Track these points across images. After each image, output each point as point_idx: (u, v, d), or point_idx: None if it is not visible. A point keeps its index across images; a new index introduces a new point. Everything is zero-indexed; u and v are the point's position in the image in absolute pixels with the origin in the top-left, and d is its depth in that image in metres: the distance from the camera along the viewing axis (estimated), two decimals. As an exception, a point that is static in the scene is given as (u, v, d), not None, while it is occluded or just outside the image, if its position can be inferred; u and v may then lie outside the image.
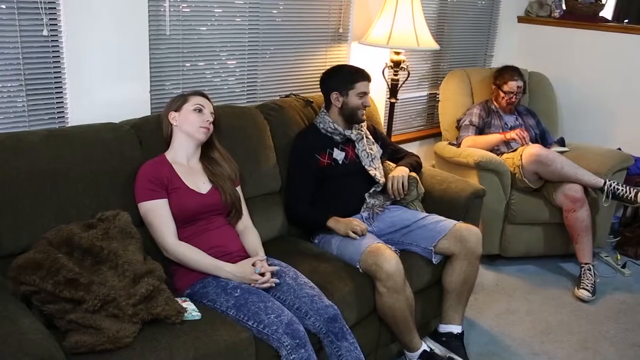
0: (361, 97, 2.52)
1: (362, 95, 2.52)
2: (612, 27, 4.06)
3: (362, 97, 2.52)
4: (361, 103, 2.53)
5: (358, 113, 2.54)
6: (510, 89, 3.44)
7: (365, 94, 2.53)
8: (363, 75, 2.54)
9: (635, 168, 3.67)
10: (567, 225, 3.19)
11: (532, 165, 3.16)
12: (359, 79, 2.52)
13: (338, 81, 2.55)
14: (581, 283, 3.14)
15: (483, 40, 4.16)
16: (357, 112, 2.54)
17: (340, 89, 2.53)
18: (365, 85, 2.53)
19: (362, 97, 2.52)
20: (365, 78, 2.54)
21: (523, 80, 3.51)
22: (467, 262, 2.39)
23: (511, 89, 3.44)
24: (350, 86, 2.51)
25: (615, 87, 3.96)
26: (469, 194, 2.63)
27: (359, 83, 2.51)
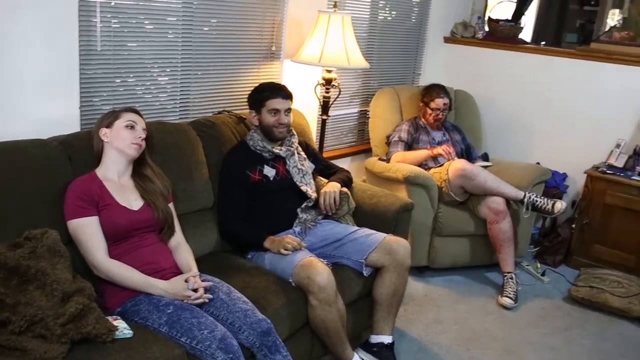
0: (274, 115, 2.53)
1: (274, 112, 2.53)
2: (530, 49, 4.31)
3: (275, 115, 2.53)
4: (275, 120, 2.53)
5: (274, 131, 2.55)
6: (437, 105, 3.59)
7: (278, 111, 2.53)
8: (275, 92, 2.55)
9: (553, 181, 3.90)
10: (491, 236, 3.34)
11: (457, 180, 3.30)
12: (269, 96, 2.54)
13: (253, 99, 2.60)
14: (504, 291, 3.29)
15: (411, 59, 4.32)
16: (272, 129, 2.55)
17: (255, 107, 2.57)
18: (277, 102, 2.53)
19: (275, 114, 2.53)
20: (277, 95, 2.54)
21: (449, 97, 3.67)
22: (397, 273, 2.47)
23: (438, 105, 3.59)
24: (262, 104, 2.55)
25: (533, 104, 4.19)
26: (398, 208, 2.73)
27: (269, 100, 2.53)
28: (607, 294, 3.26)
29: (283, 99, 2.56)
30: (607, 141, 3.87)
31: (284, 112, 2.56)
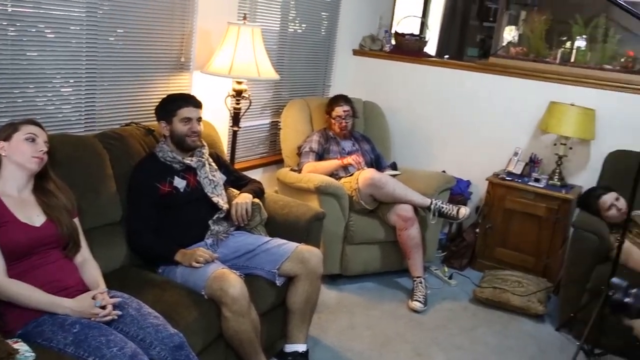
0: (186, 123, 2.53)
1: (186, 121, 2.53)
2: (434, 62, 4.50)
3: (187, 123, 2.53)
4: (187, 129, 2.53)
5: (187, 140, 2.54)
6: (338, 113, 3.69)
7: (190, 120, 2.53)
8: (185, 101, 2.56)
9: (457, 188, 4.08)
10: (400, 243, 3.46)
11: (367, 188, 3.39)
12: (181, 105, 2.54)
13: (162, 110, 2.58)
14: (414, 295, 3.41)
15: (321, 71, 4.40)
16: (185, 138, 2.54)
17: (165, 117, 2.55)
18: (188, 110, 2.54)
19: (187, 122, 2.53)
20: (188, 103, 2.55)
21: (350, 105, 3.76)
22: (309, 282, 2.51)
23: (338, 113, 3.69)
24: (173, 113, 2.53)
25: (439, 115, 4.38)
26: (309, 218, 2.77)
27: (181, 109, 2.53)
28: (509, 294, 3.44)
29: (194, 107, 2.57)
30: (506, 149, 4.10)
31: (196, 121, 2.56)
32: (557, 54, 4.31)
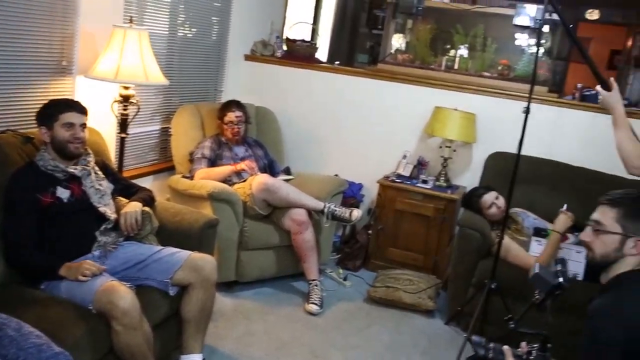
0: (68, 129, 2.42)
1: (68, 126, 2.41)
2: (325, 68, 4.59)
3: (69, 129, 2.42)
4: (70, 135, 2.42)
5: (69, 147, 2.43)
6: (230, 119, 3.67)
7: (73, 125, 2.42)
8: (69, 106, 2.45)
9: (350, 191, 4.18)
10: (295, 247, 3.48)
11: (261, 194, 3.39)
12: (63, 109, 2.43)
13: (43, 115, 2.44)
14: (310, 298, 3.44)
15: (213, 76, 4.35)
16: (67, 145, 2.42)
17: (46, 122, 2.42)
18: (71, 115, 2.43)
19: (70, 128, 2.42)
20: (71, 108, 2.44)
21: (242, 111, 3.75)
22: (204, 290, 2.47)
23: (230, 119, 3.67)
24: (54, 118, 2.41)
25: (330, 120, 4.47)
26: (202, 224, 2.73)
27: (62, 114, 2.42)
28: (401, 292, 3.56)
29: (78, 113, 2.46)
30: (395, 153, 4.25)
31: (79, 127, 2.44)
32: (441, 62, 4.54)
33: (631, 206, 1.88)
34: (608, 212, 1.91)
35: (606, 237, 1.89)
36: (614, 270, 1.89)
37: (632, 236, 1.85)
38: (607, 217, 1.90)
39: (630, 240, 1.85)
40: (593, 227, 1.94)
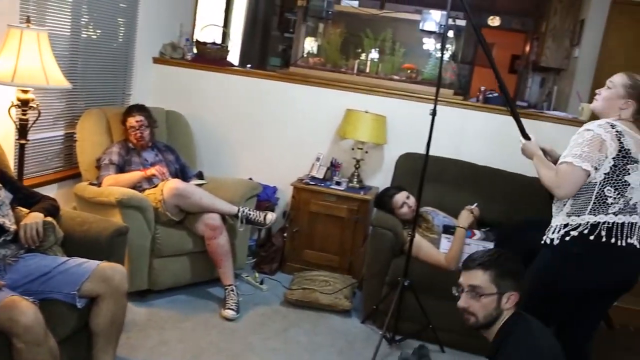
0: None
1: None
2: (237, 71, 4.55)
3: None
4: None
5: None
6: (131, 124, 3.58)
7: None
8: None
9: (264, 194, 4.17)
10: (210, 252, 3.43)
11: (173, 199, 3.32)
12: None
13: None
14: (226, 304, 3.40)
15: (120, 79, 4.20)
16: None
17: None
18: None
19: None
20: None
21: (144, 115, 3.64)
22: (114, 301, 2.38)
23: (131, 124, 3.58)
24: None
25: (244, 123, 4.44)
26: (111, 233, 2.63)
27: None
28: (318, 293, 3.59)
29: None
30: (309, 155, 4.28)
31: None
32: (353, 65, 4.62)
33: (500, 266, 2.05)
34: (481, 275, 2.06)
35: (485, 299, 2.04)
36: (496, 326, 2.06)
37: (505, 292, 2.03)
38: (482, 280, 2.05)
39: (504, 296, 2.03)
40: (469, 293, 2.07)
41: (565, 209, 2.40)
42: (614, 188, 2.32)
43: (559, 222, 2.41)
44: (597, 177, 2.33)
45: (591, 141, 2.32)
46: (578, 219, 2.35)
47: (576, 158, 2.32)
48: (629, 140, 2.33)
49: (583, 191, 2.36)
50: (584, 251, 2.35)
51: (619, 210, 2.33)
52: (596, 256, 2.36)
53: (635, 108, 2.42)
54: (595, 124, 2.36)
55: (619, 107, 2.42)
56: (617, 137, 2.31)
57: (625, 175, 2.32)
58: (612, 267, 2.38)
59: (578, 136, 2.38)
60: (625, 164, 2.31)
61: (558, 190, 2.40)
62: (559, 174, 2.39)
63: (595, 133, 2.33)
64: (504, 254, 2.11)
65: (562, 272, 2.42)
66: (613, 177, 2.32)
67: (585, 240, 2.33)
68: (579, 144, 2.34)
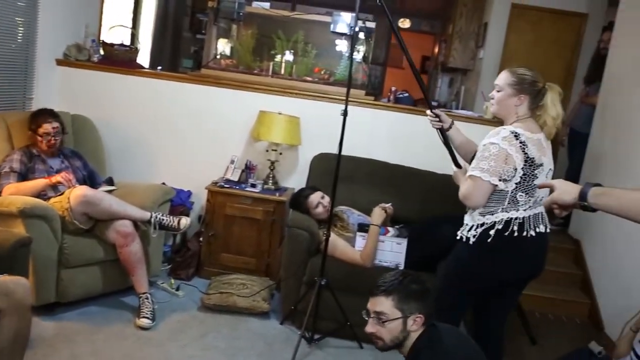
0: None
1: None
2: (147, 73, 4.44)
3: None
4: None
5: None
6: (46, 131, 3.41)
7: None
8: None
9: (178, 199, 4.09)
10: (122, 260, 3.33)
11: (80, 207, 3.19)
12: None
13: None
14: (141, 312, 3.30)
15: (20, 82, 3.98)
16: None
17: None
18: None
19: None
20: None
21: (59, 121, 3.50)
22: (17, 316, 2.26)
23: (47, 130, 3.42)
24: None
25: (157, 126, 4.34)
26: (12, 244, 2.51)
27: None
28: (235, 296, 3.56)
29: None
30: (223, 158, 4.23)
31: None
32: (266, 66, 4.61)
33: (402, 290, 2.08)
34: (385, 301, 2.09)
35: (390, 324, 2.07)
36: (408, 345, 2.09)
37: (410, 315, 2.06)
38: (386, 306, 2.08)
39: (410, 319, 2.07)
40: (375, 319, 2.11)
41: (479, 209, 2.50)
42: (525, 193, 2.45)
43: (475, 222, 2.51)
44: (508, 187, 2.43)
45: (497, 155, 2.41)
46: (492, 217, 2.46)
47: (484, 172, 2.41)
48: (532, 149, 2.44)
49: (495, 197, 2.46)
50: (499, 246, 2.47)
51: (528, 207, 2.47)
52: (510, 249, 2.48)
53: (529, 100, 2.54)
54: (500, 137, 2.44)
55: (514, 105, 2.55)
56: (521, 149, 2.42)
57: (534, 180, 2.45)
58: (525, 257, 2.52)
59: (484, 149, 2.45)
60: (532, 170, 2.44)
61: (468, 202, 2.50)
62: (468, 188, 2.48)
63: (500, 147, 2.41)
64: (408, 277, 2.12)
65: (479, 267, 2.53)
66: (524, 184, 2.44)
67: (500, 236, 2.45)
68: (486, 157, 2.43)
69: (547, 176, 2.49)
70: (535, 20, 6.40)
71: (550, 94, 2.53)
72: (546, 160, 2.48)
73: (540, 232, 2.50)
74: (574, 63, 6.41)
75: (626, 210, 1.47)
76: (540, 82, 2.56)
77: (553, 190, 1.71)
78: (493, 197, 2.46)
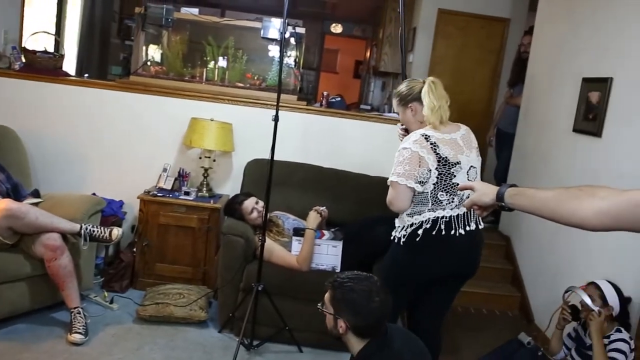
0: None
1: None
2: (74, 81, 4.31)
3: None
4: None
5: None
6: None
7: None
8: None
9: (110, 209, 3.99)
10: (52, 275, 3.21)
11: (4, 221, 3.06)
12: None
13: None
14: (73, 328, 3.20)
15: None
16: None
17: None
18: None
19: None
20: None
21: None
22: None
23: None
24: None
25: (85, 136, 4.21)
26: None
27: None
28: (172, 307, 3.51)
29: None
30: (156, 166, 4.17)
31: None
32: (199, 73, 4.57)
33: (341, 291, 2.11)
34: (327, 293, 2.15)
35: (328, 316, 2.14)
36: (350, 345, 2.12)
37: (340, 317, 2.09)
38: (327, 298, 2.15)
39: (339, 320, 2.10)
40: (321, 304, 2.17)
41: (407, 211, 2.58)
42: (446, 192, 2.54)
43: (404, 223, 2.59)
44: (427, 189, 2.53)
45: (410, 159, 2.51)
46: (420, 217, 2.54)
47: (400, 177, 2.51)
48: (444, 148, 2.54)
49: (418, 199, 2.55)
50: (427, 244, 2.55)
51: (455, 205, 2.55)
52: (439, 247, 2.57)
53: (419, 104, 2.66)
54: (411, 141, 2.55)
55: (412, 116, 2.71)
56: (432, 149, 2.52)
57: (452, 179, 2.54)
58: (454, 255, 2.60)
59: (399, 154, 2.57)
60: (448, 169, 2.53)
61: (393, 207, 2.59)
62: (391, 194, 2.58)
63: (412, 151, 2.52)
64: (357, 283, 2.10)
65: (410, 265, 2.62)
66: (441, 184, 2.53)
67: (429, 234, 2.53)
68: (400, 162, 2.53)
69: (468, 173, 2.59)
70: (462, 25, 6.61)
71: (424, 88, 2.66)
72: (464, 158, 2.58)
73: (471, 231, 2.59)
74: (498, 66, 6.67)
75: (538, 209, 1.56)
76: (416, 85, 2.70)
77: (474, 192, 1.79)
78: (416, 199, 2.55)
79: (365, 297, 2.07)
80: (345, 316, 2.08)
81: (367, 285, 2.10)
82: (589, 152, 3.69)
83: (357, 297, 2.07)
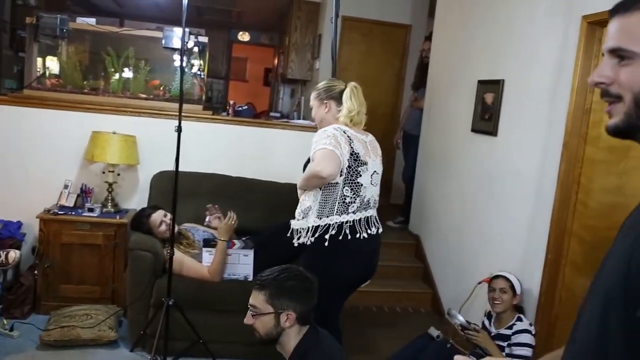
0: None
1: None
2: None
3: None
4: None
5: None
6: None
7: None
8: None
9: (7, 231, 3.77)
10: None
11: None
12: None
13: None
14: (-32, 360, 3.01)
15: None
16: None
17: None
18: None
19: None
20: None
21: None
22: None
23: None
24: None
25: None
26: None
27: None
28: (78, 329, 3.35)
29: None
30: (56, 183, 3.97)
31: None
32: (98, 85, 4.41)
33: (275, 286, 2.08)
34: (258, 295, 2.09)
35: (264, 318, 2.07)
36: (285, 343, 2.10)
37: (282, 311, 2.06)
38: (259, 300, 2.09)
39: (282, 315, 2.06)
40: (251, 311, 2.11)
41: (313, 213, 2.60)
42: (351, 189, 2.58)
43: (310, 224, 2.60)
44: (339, 180, 2.56)
45: (334, 137, 2.56)
46: (327, 219, 2.57)
47: (328, 145, 2.52)
48: (358, 145, 2.61)
49: (328, 194, 2.57)
50: (334, 248, 2.58)
51: (357, 208, 2.60)
52: (347, 251, 2.60)
53: (334, 103, 2.74)
54: (331, 128, 2.62)
55: (325, 112, 2.77)
56: (348, 142, 2.58)
57: (358, 177, 2.59)
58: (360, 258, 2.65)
59: (320, 138, 2.59)
60: (357, 166, 2.58)
61: (323, 172, 2.50)
62: (317, 159, 2.54)
63: (332, 133, 2.57)
64: (286, 273, 2.11)
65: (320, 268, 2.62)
66: (349, 178, 2.58)
67: (335, 239, 2.56)
68: (323, 139, 2.56)
69: (372, 177, 2.66)
70: (366, 31, 6.77)
71: (346, 90, 2.74)
72: (371, 162, 2.65)
73: (372, 234, 2.65)
74: (402, 71, 6.87)
75: None
76: (337, 86, 2.77)
77: None
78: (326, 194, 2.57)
79: (301, 282, 2.11)
80: (292, 306, 2.06)
81: (295, 272, 2.13)
82: (487, 151, 3.86)
83: (295, 284, 2.09)
